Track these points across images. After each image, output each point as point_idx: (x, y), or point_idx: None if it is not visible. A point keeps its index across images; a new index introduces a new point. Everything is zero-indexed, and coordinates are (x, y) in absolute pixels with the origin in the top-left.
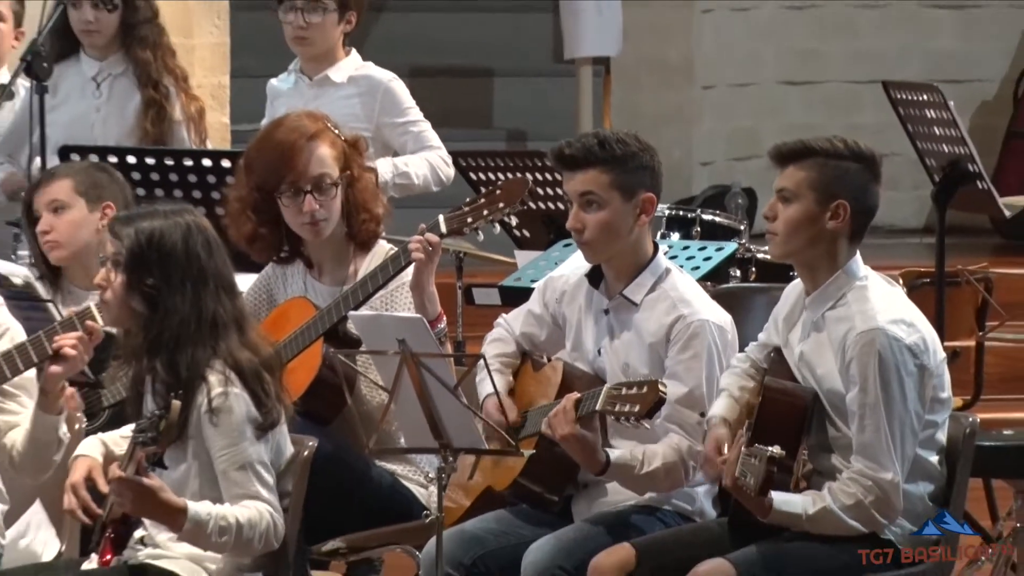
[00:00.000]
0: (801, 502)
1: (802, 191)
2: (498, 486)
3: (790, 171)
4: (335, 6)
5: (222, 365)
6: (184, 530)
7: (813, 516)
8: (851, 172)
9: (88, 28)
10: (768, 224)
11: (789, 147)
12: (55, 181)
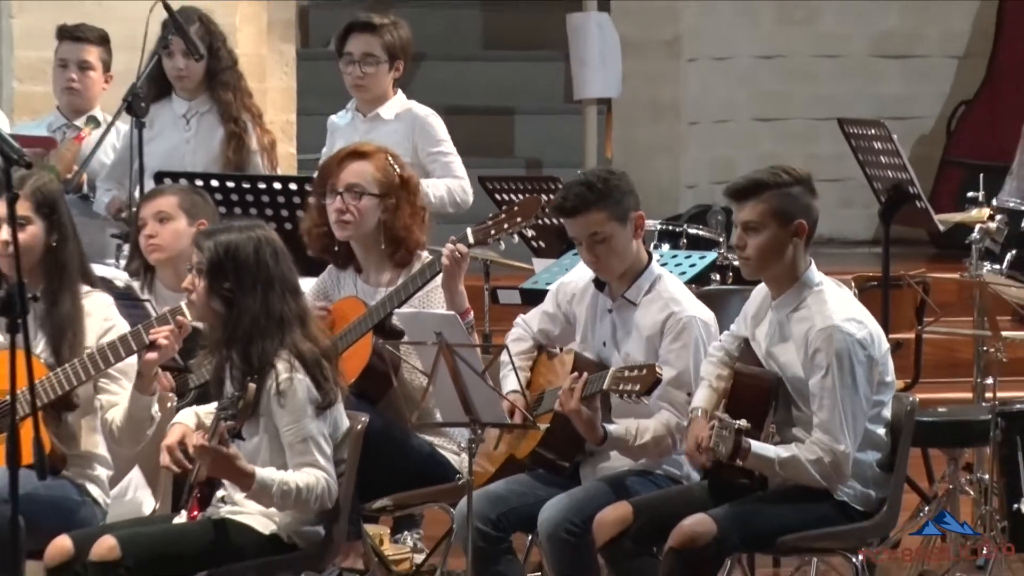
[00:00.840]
0: (774, 449)
1: (766, 221)
2: (519, 454)
3: (750, 206)
4: (386, 58)
5: (288, 354)
6: (252, 491)
7: (784, 460)
8: (798, 194)
9: (179, 74)
10: (739, 252)
11: (743, 186)
12: (163, 196)
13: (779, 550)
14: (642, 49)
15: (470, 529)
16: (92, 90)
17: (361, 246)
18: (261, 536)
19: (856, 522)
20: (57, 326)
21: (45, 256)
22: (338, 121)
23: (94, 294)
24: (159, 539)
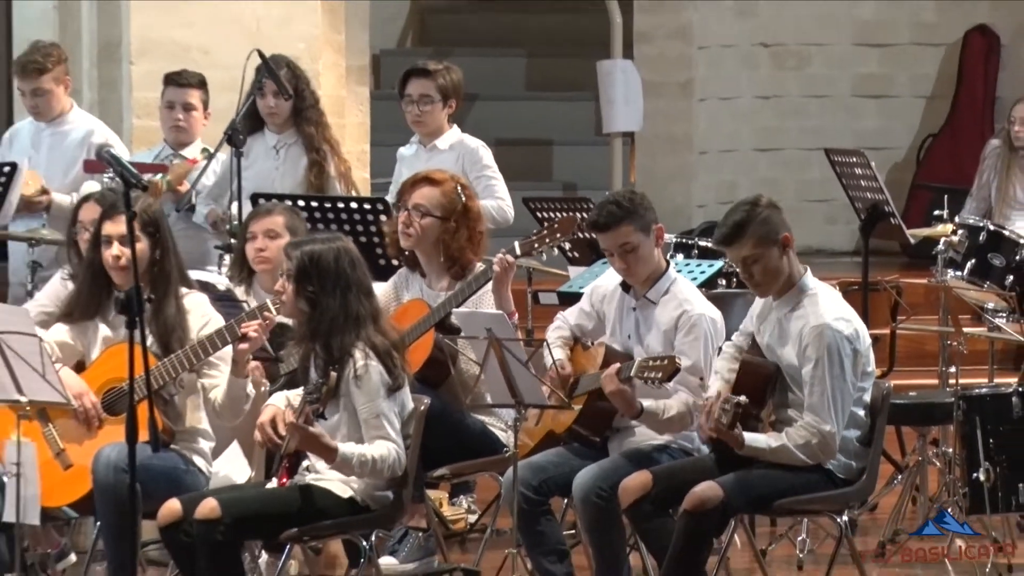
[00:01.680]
0: (765, 439)
1: (759, 251)
2: (557, 430)
3: (739, 246)
4: (440, 98)
5: (363, 346)
6: (335, 462)
7: (775, 449)
8: (769, 216)
9: (271, 112)
10: (749, 283)
11: (727, 232)
12: (272, 215)
13: (775, 512)
14: (660, 91)
15: (515, 494)
16: (194, 127)
17: (423, 256)
18: (340, 499)
19: (840, 488)
20: (163, 324)
21: (150, 267)
22: (405, 152)
23: (192, 294)
24: (254, 501)
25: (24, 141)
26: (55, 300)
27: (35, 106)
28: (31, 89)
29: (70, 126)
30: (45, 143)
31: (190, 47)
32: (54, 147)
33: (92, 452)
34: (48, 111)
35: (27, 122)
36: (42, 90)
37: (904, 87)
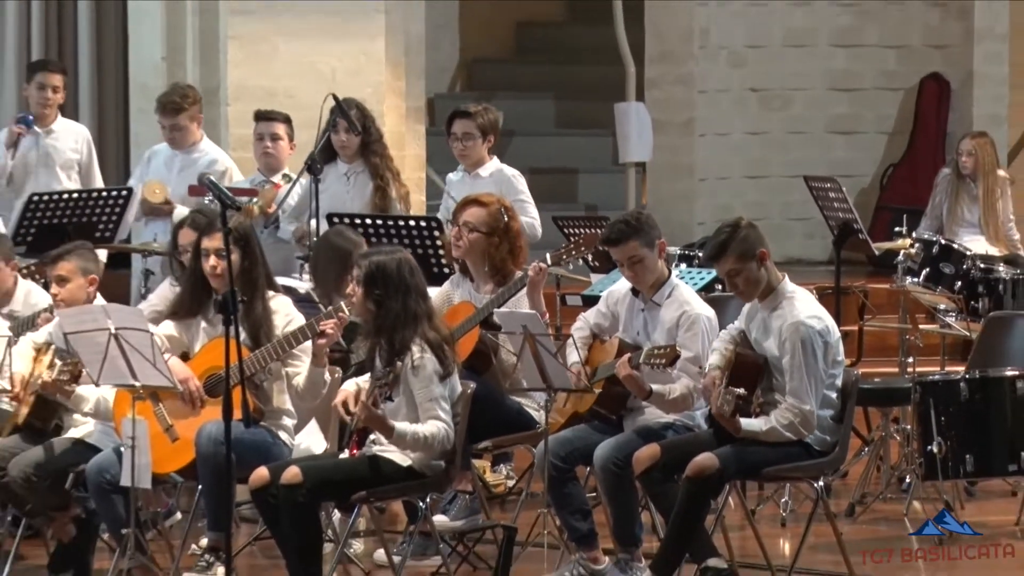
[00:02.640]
0: (758, 424)
1: (740, 265)
2: (581, 410)
3: (723, 262)
4: (479, 134)
5: (420, 340)
6: (393, 439)
7: (766, 431)
8: (746, 234)
9: (343, 145)
10: (735, 292)
11: (713, 251)
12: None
13: (763, 478)
14: (666, 128)
15: (546, 463)
16: (281, 155)
17: (471, 265)
18: (400, 467)
19: (817, 459)
20: (253, 322)
21: (241, 274)
22: (453, 178)
23: (278, 297)
24: (330, 469)
25: (160, 161)
26: (164, 301)
27: (172, 139)
28: (170, 124)
29: (199, 154)
30: (177, 165)
31: (276, 92)
32: (184, 169)
33: (195, 428)
34: (183, 143)
35: (164, 145)
36: (179, 126)
37: (870, 124)
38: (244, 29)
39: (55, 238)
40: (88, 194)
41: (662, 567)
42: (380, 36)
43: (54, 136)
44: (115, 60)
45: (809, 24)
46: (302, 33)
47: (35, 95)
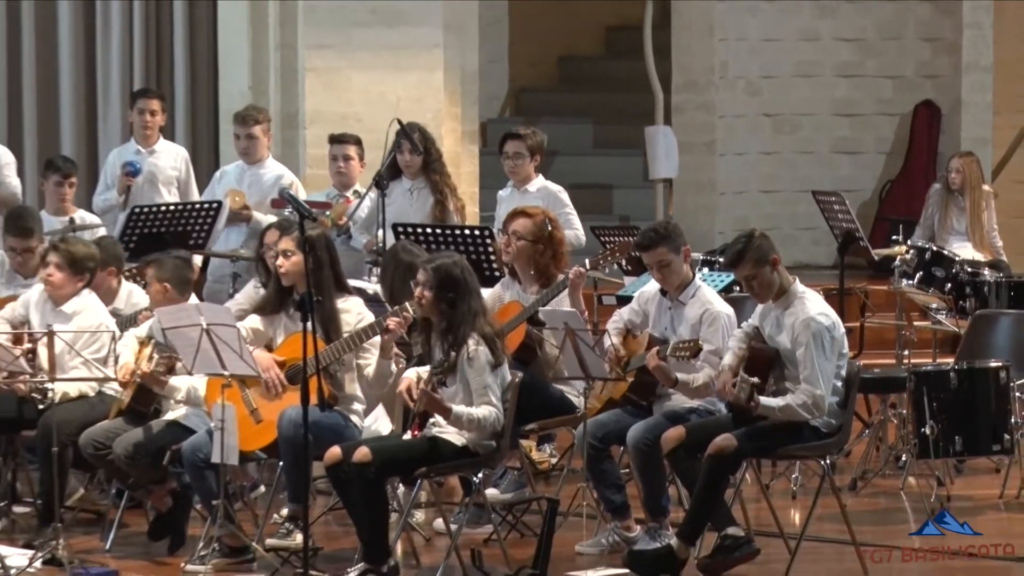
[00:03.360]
0: (775, 402)
1: (755, 270)
2: (615, 396)
3: (740, 268)
4: (528, 154)
5: (475, 335)
6: (450, 420)
7: (782, 408)
8: (759, 244)
9: (406, 164)
10: (751, 294)
11: (731, 258)
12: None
13: (776, 456)
14: (691, 148)
15: (585, 443)
16: (352, 173)
17: (519, 268)
18: (456, 447)
19: (823, 439)
20: (325, 319)
21: (311, 276)
22: (503, 193)
23: (351, 298)
24: (395, 448)
25: (231, 178)
26: (249, 300)
27: (245, 148)
28: (245, 133)
29: (266, 170)
30: (247, 180)
31: (348, 117)
32: (253, 184)
33: (277, 411)
34: (254, 154)
35: (234, 165)
36: (252, 135)
37: (870, 146)
38: (320, 62)
39: (155, 246)
40: (183, 206)
41: (687, 534)
42: (439, 69)
43: (156, 156)
44: (207, 89)
45: (816, 58)
46: (371, 66)
47: (137, 119)
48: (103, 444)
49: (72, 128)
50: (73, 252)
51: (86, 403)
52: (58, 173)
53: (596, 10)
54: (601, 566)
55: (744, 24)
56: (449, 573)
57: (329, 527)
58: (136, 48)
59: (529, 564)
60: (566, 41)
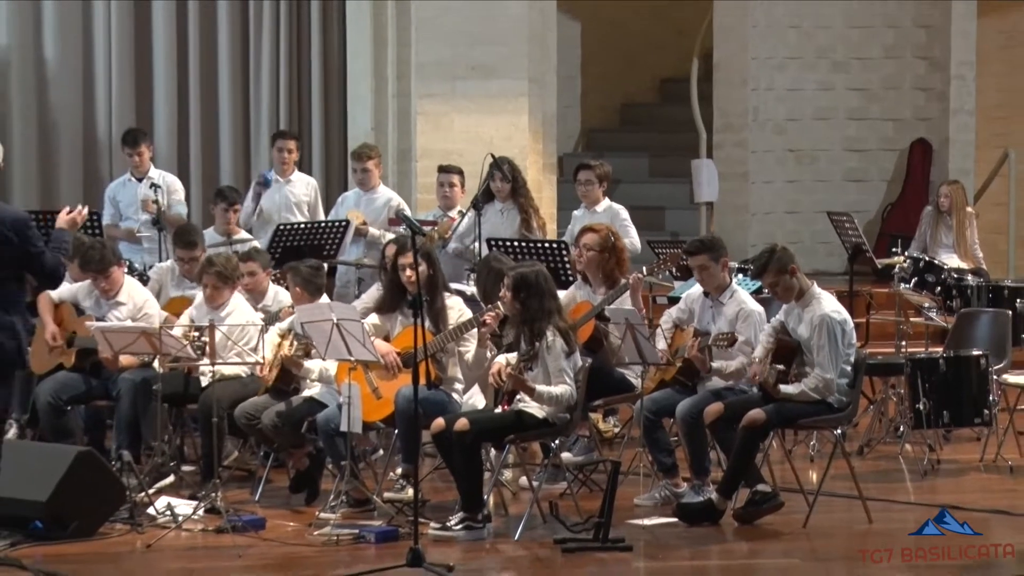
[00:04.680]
0: (792, 388)
1: (777, 279)
2: (666, 378)
3: (764, 276)
4: (597, 181)
5: (552, 328)
6: (534, 397)
7: (798, 393)
8: (780, 256)
9: (498, 190)
10: (776, 297)
11: (756, 270)
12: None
13: (798, 427)
14: (728, 178)
15: (641, 416)
16: (455, 198)
17: (589, 274)
18: (538, 418)
19: (836, 413)
20: (434, 314)
21: (426, 281)
22: (576, 213)
23: (452, 297)
24: (488, 419)
25: (350, 202)
26: (372, 300)
27: (361, 179)
28: (361, 167)
29: (378, 196)
30: (363, 204)
31: (451, 152)
32: (368, 207)
33: (394, 389)
34: (368, 182)
35: (352, 192)
36: (366, 168)
37: (874, 175)
38: (429, 108)
39: (295, 256)
40: (318, 224)
41: (725, 490)
42: (525, 113)
43: (291, 185)
44: (338, 129)
45: (831, 104)
46: (470, 111)
47: (276, 155)
48: (253, 415)
49: (230, 160)
50: (221, 270)
51: (239, 382)
52: (225, 201)
53: (652, 66)
54: (655, 515)
55: (772, 78)
56: (531, 521)
57: (435, 483)
58: (281, 95)
59: (596, 514)
60: (627, 91)
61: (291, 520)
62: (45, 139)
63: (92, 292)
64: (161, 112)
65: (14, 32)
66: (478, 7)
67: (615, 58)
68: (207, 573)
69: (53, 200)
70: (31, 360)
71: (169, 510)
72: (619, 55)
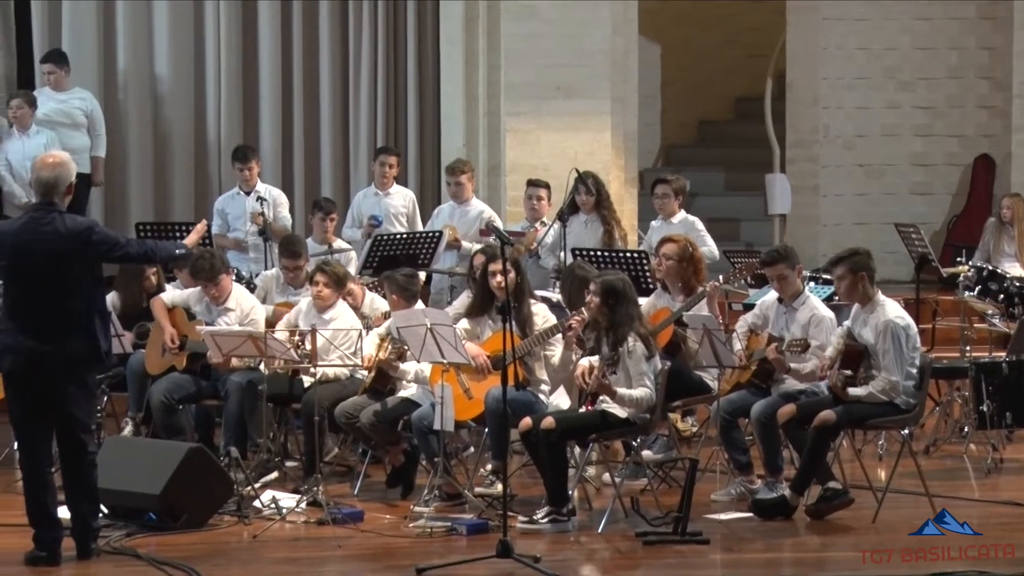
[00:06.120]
0: (860, 391)
1: (845, 275)
2: (742, 380)
3: (837, 268)
4: (674, 195)
5: (633, 333)
6: (615, 399)
7: (865, 395)
8: (860, 258)
9: (583, 203)
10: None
11: (834, 259)
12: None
13: (867, 427)
14: (800, 191)
15: (718, 416)
16: (542, 210)
17: (668, 282)
18: (620, 418)
19: (903, 414)
20: (520, 319)
21: (514, 288)
22: (654, 224)
23: (538, 304)
24: (573, 418)
25: (444, 214)
26: (463, 306)
27: (455, 192)
28: (455, 181)
29: (471, 208)
30: (456, 216)
31: (538, 167)
32: (461, 218)
33: (484, 390)
34: (461, 195)
35: (447, 204)
36: (460, 182)
37: (940, 189)
38: (517, 125)
39: (392, 264)
40: (413, 234)
41: (798, 487)
42: (607, 130)
43: (391, 197)
44: (432, 146)
45: (898, 121)
46: (556, 128)
47: (378, 169)
48: (352, 414)
49: (330, 174)
50: (336, 272)
51: (339, 383)
52: (322, 211)
53: (727, 85)
54: (731, 511)
55: (842, 97)
56: (614, 515)
57: (522, 479)
58: (379, 114)
59: (675, 509)
60: (704, 109)
61: (387, 513)
62: (159, 153)
63: (202, 298)
64: (266, 128)
65: (130, 55)
66: (564, 32)
67: (693, 79)
68: (309, 562)
69: (167, 212)
70: (146, 362)
71: (274, 503)
72: (697, 76)
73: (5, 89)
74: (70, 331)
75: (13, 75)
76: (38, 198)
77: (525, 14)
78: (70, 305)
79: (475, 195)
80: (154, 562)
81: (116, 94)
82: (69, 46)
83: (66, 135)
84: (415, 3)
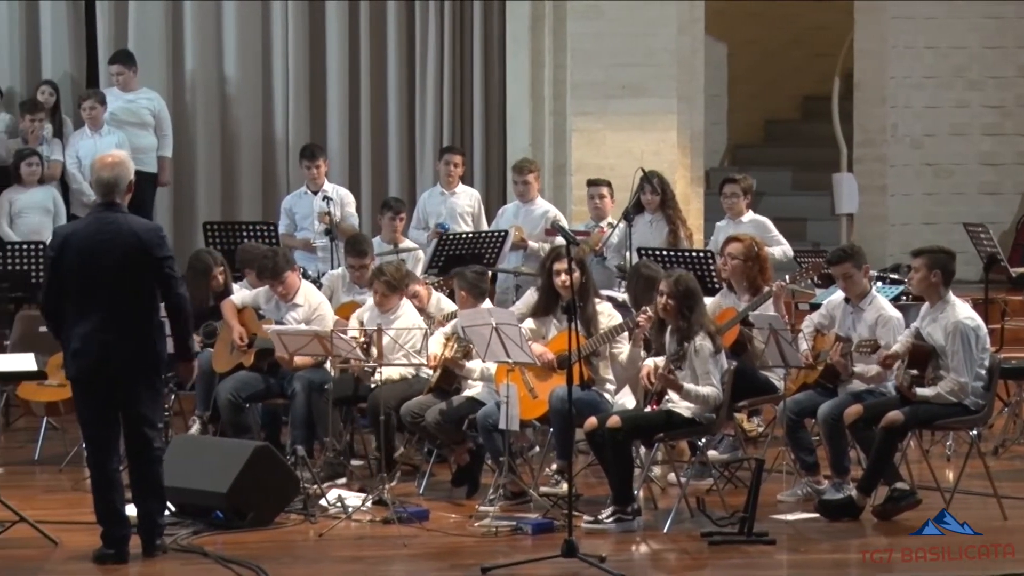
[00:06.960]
0: (929, 391)
1: (921, 268)
2: (808, 381)
3: (916, 260)
4: (742, 194)
5: (701, 332)
6: (682, 395)
7: (933, 396)
8: (940, 256)
9: (648, 202)
10: (908, 282)
11: (918, 250)
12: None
13: (935, 428)
14: (867, 191)
15: (785, 416)
16: (606, 209)
17: (734, 282)
18: (685, 417)
19: (972, 415)
20: (585, 319)
21: (579, 287)
22: (720, 224)
23: (603, 303)
24: (638, 418)
25: (510, 214)
26: (527, 305)
27: (521, 191)
28: (521, 180)
29: (536, 207)
30: (522, 215)
31: (603, 166)
32: (526, 217)
33: (548, 389)
34: (527, 194)
35: (512, 204)
36: (526, 181)
37: (1008, 188)
38: (583, 125)
39: (458, 263)
40: (479, 234)
41: (865, 487)
42: (673, 130)
43: (456, 196)
44: (498, 145)
45: (966, 120)
46: (622, 127)
47: (444, 169)
48: (418, 414)
49: (397, 173)
50: (391, 278)
51: (405, 383)
52: (391, 211)
53: (794, 84)
54: (797, 511)
55: (910, 96)
56: (679, 515)
57: (588, 479)
58: (445, 114)
59: (741, 509)
60: (771, 108)
61: (453, 512)
62: (227, 153)
63: (271, 297)
64: (333, 128)
65: (198, 55)
66: (630, 32)
67: (760, 78)
68: (374, 561)
69: (234, 211)
70: (214, 360)
71: (340, 502)
72: (763, 75)
73: (74, 89)
74: (136, 331)
75: (82, 76)
76: (99, 198)
77: (591, 13)
78: (135, 306)
79: (540, 195)
80: (221, 560)
81: (184, 95)
82: (135, 47)
83: (133, 135)
84: (481, 3)
